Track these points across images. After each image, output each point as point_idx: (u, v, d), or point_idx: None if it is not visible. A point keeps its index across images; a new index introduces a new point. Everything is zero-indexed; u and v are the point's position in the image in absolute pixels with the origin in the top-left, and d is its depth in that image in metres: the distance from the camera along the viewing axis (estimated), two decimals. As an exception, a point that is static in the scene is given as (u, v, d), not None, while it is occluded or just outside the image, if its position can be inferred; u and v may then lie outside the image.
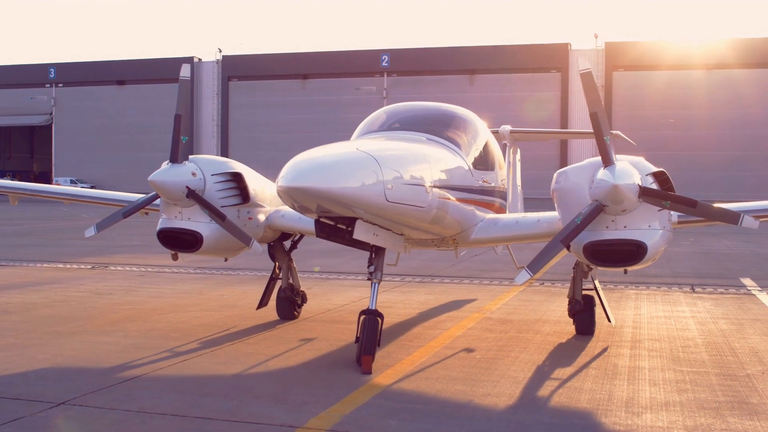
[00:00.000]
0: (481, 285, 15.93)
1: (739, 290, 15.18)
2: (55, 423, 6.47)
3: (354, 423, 6.50)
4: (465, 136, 10.02)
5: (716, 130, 68.23)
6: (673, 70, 69.83)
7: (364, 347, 8.35)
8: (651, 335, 10.55)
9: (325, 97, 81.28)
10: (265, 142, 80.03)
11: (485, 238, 10.11)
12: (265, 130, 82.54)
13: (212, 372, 8.32)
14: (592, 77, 8.60)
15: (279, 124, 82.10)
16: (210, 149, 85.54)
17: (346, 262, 19.90)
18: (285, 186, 7.18)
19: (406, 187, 7.89)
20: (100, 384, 7.70)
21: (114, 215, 10.25)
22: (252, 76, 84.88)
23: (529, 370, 8.51)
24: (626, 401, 7.29)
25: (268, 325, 11.13)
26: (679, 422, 6.62)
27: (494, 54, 76.63)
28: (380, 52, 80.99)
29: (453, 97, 70.97)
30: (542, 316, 12.05)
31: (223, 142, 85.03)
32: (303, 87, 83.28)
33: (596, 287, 10.71)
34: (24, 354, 9.04)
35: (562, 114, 73.30)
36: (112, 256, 21.55)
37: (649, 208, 8.41)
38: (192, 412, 6.77)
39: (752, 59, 67.48)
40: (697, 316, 12.16)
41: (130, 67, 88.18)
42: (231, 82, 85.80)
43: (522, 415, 6.86)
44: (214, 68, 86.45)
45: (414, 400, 7.29)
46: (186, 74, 9.93)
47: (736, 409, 7.01)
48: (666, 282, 16.16)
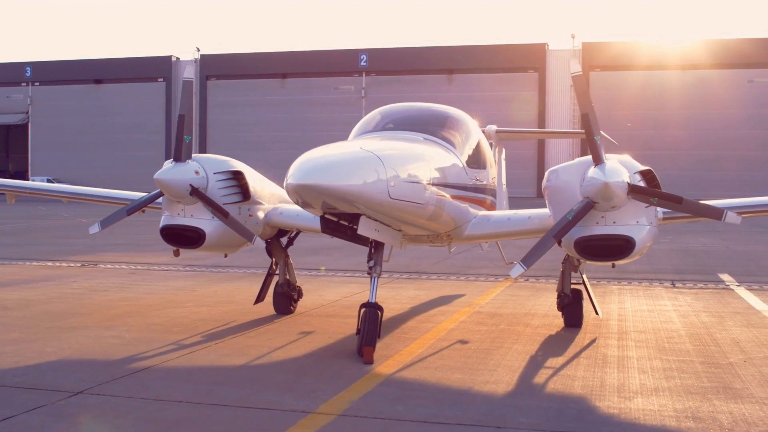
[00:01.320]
0: (467, 281, 16.32)
1: (717, 285, 15.67)
2: (77, 411, 6.75)
3: (363, 409, 6.85)
4: (459, 136, 10.39)
5: (690, 130, 69.15)
6: (648, 70, 70.64)
7: (365, 339, 8.70)
8: (636, 327, 10.98)
9: (303, 97, 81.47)
10: (244, 141, 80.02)
11: (478, 234, 10.48)
12: (243, 129, 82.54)
13: (219, 363, 8.63)
14: (583, 80, 9.00)
15: (258, 123, 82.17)
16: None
17: (335, 259, 20.22)
18: (295, 183, 7.51)
19: (407, 185, 8.25)
20: (113, 375, 7.99)
21: (118, 213, 10.51)
22: (231, 75, 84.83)
23: (523, 360, 8.90)
24: (618, 387, 7.69)
25: (267, 319, 11.44)
26: (669, 405, 7.03)
27: (472, 54, 77.16)
28: (359, 51, 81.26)
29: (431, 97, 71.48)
30: (530, 310, 12.45)
31: (202, 141, 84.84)
32: (282, 86, 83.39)
33: (584, 281, 11.12)
34: (32, 348, 9.29)
35: (539, 113, 73.93)
36: (99, 254, 21.72)
37: (637, 205, 8.82)
38: (206, 400, 7.08)
39: (725, 60, 68.44)
40: (679, 309, 12.61)
41: (108, 66, 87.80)
42: (209, 81, 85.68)
43: (520, 400, 7.24)
44: (193, 67, 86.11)
45: (416, 387, 7.65)
46: (190, 75, 10.23)
47: (721, 394, 7.43)
48: (647, 278, 16.63)
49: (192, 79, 10.28)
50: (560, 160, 73.79)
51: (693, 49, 69.52)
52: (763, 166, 67.38)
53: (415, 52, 79.59)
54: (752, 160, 67.38)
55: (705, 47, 69.08)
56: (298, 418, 6.54)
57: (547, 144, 72.40)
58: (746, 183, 63.81)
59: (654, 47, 71.21)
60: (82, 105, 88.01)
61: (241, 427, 6.33)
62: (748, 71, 68.16)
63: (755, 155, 67.50)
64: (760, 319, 11.75)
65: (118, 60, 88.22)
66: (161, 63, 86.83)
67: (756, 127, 67.75)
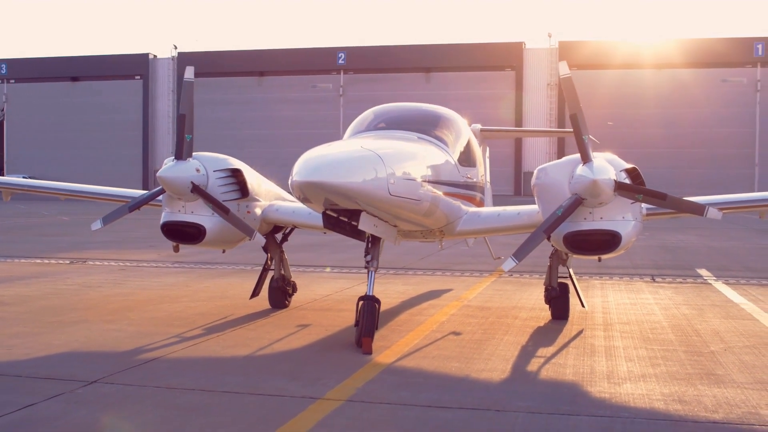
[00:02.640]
0: (453, 276, 16.71)
1: (696, 280, 16.18)
2: (95, 399, 7.06)
3: (368, 394, 7.21)
4: (450, 135, 10.77)
5: (664, 128, 69.99)
6: (623, 69, 71.41)
7: (364, 330, 9.05)
8: (620, 319, 11.41)
9: (281, 95, 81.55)
10: (221, 138, 79.74)
11: (469, 230, 10.87)
12: (221, 126, 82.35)
13: (223, 354, 8.95)
14: (571, 82, 9.39)
15: (235, 121, 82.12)
16: (166, 147, 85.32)
17: (320, 256, 20.54)
18: (301, 181, 7.85)
19: (405, 182, 8.61)
20: (123, 365, 8.29)
21: (120, 209, 10.78)
22: (208, 73, 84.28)
23: (515, 350, 9.30)
24: (607, 374, 8.10)
25: (263, 313, 11.76)
26: (657, 390, 7.45)
27: (450, 52, 77.65)
28: (337, 49, 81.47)
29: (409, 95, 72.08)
30: (517, 304, 12.86)
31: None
32: (259, 84, 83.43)
33: (571, 275, 11.54)
34: (39, 341, 9.56)
35: (516, 111, 74.52)
36: (86, 251, 21.88)
37: (623, 201, 9.24)
38: (217, 387, 7.41)
39: (699, 59, 69.38)
40: (660, 302, 13.07)
41: (84, 63, 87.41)
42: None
43: (517, 386, 7.63)
44: (170, 65, 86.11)
45: (417, 375, 8.02)
46: (190, 76, 10.50)
47: (705, 379, 7.87)
48: (628, 273, 17.10)
49: (193, 80, 10.54)
50: (537, 158, 74.60)
51: (667, 48, 70.42)
52: (735, 164, 68.49)
53: (392, 50, 79.92)
54: (725, 158, 68.42)
55: (679, 47, 70.01)
56: (308, 403, 6.89)
57: (524, 142, 73.04)
58: (719, 180, 64.85)
59: (629, 46, 72.03)
60: (59, 102, 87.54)
61: (254, 411, 6.67)
62: (722, 70, 69.17)
63: (728, 153, 68.55)
64: (738, 311, 12.23)
65: (95, 57, 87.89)
66: (138, 60, 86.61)
67: (729, 125, 68.78)
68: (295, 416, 6.51)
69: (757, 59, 68.93)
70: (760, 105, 69.05)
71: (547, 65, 75.11)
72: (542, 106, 74.69)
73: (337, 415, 6.56)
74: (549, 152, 73.62)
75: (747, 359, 8.79)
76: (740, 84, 68.80)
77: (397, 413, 6.65)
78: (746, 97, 69.41)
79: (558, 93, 73.81)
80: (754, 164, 69.07)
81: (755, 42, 69.02)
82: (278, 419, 6.43)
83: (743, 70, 69.25)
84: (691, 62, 69.23)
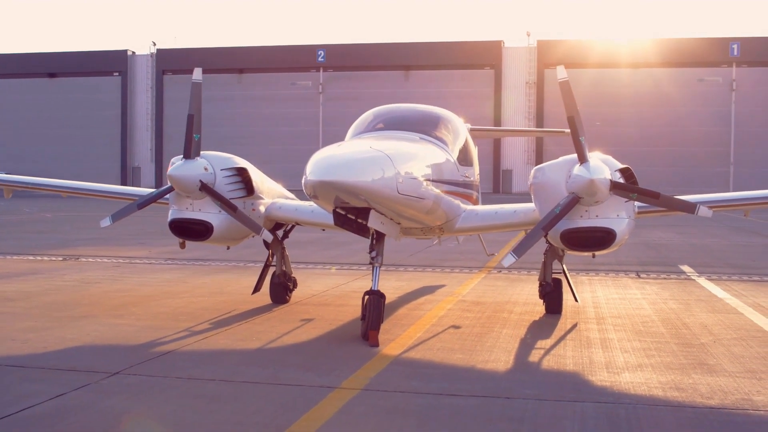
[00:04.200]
0: (444, 273, 17.09)
1: (680, 276, 16.67)
2: (120, 389, 7.37)
3: (382, 383, 7.58)
4: (450, 135, 11.15)
5: (641, 127, 70.81)
6: (601, 68, 72.12)
7: (370, 323, 9.40)
8: (612, 313, 11.85)
9: (261, 92, 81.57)
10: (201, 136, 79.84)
11: (468, 227, 11.26)
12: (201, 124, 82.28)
13: (236, 347, 9.27)
14: (569, 85, 9.80)
15: (215, 119, 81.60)
16: (144, 143, 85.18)
17: (310, 253, 20.85)
18: (316, 180, 8.18)
19: (411, 181, 8.98)
20: (140, 358, 8.59)
21: (129, 207, 11.05)
22: (187, 70, 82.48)
23: (515, 342, 9.70)
24: (605, 364, 8.52)
25: (265, 308, 12.08)
26: (654, 378, 7.87)
27: (429, 50, 78.04)
28: (316, 47, 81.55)
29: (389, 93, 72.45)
30: (510, 299, 13.26)
31: (158, 137, 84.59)
32: (239, 81, 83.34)
33: (564, 271, 11.96)
34: (52, 335, 9.82)
35: (495, 110, 75.04)
36: (76, 248, 22.05)
37: (617, 200, 9.67)
38: (236, 378, 7.75)
39: (675, 59, 70.22)
40: (648, 297, 13.52)
41: (62, 60, 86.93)
42: (165, 76, 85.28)
43: (521, 375, 8.04)
44: (148, 62, 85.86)
45: (425, 366, 8.40)
46: (198, 77, 10.79)
47: (698, 369, 8.30)
48: (613, 269, 17.57)
49: (200, 81, 10.84)
50: (515, 157, 75.31)
51: (644, 47, 71.19)
52: (711, 163, 69.48)
53: (372, 48, 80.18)
54: (701, 157, 69.35)
55: (656, 46, 70.83)
56: (326, 392, 7.24)
57: (503, 141, 73.60)
58: (696, 179, 65.86)
59: (607, 46, 72.73)
60: (36, 99, 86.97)
61: (276, 400, 7.00)
62: (698, 70, 70.11)
63: (704, 152, 69.49)
64: (723, 305, 12.70)
65: (73, 54, 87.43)
66: (117, 57, 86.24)
67: (705, 124, 69.74)
68: (316, 404, 6.85)
69: (733, 59, 69.92)
70: (736, 104, 70.09)
71: (526, 64, 75.76)
72: (521, 105, 75.29)
73: (356, 403, 6.91)
74: (527, 150, 74.33)
75: (736, 350, 9.24)
76: (716, 83, 69.78)
77: (411, 401, 7.01)
78: (722, 96, 70.39)
79: (536, 91, 74.57)
80: (730, 163, 70.08)
81: (731, 42, 70.00)
82: (301, 407, 6.77)
83: (719, 70, 70.22)
84: (668, 62, 70.08)
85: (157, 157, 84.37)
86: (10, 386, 7.41)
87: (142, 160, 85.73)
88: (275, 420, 6.40)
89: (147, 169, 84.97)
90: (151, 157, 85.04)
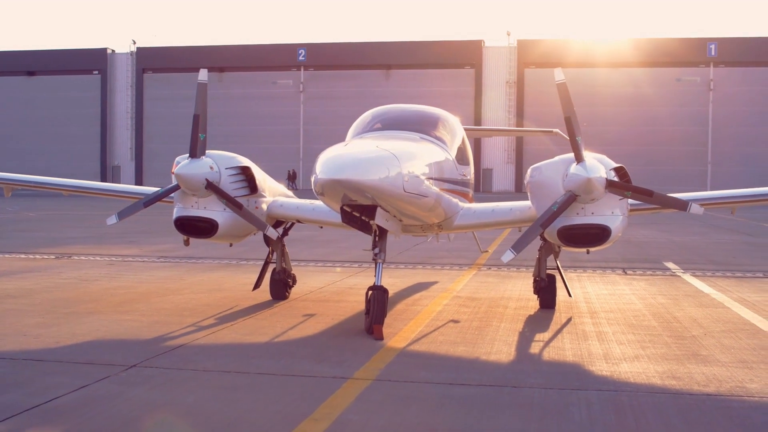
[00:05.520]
0: (435, 270, 17.42)
1: (665, 272, 17.11)
2: (142, 380, 7.62)
3: (393, 374, 7.89)
4: (448, 135, 11.47)
5: (619, 126, 71.55)
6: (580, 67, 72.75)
7: (375, 317, 9.71)
8: (604, 308, 12.22)
9: (242, 90, 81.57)
10: (181, 135, 78.89)
11: (466, 224, 11.60)
12: (181, 123, 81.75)
13: (245, 341, 9.54)
14: (566, 87, 10.14)
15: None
16: (123, 142, 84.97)
17: (299, 251, 21.07)
18: (327, 178, 8.47)
19: (416, 180, 9.30)
20: (154, 351, 8.84)
21: (135, 205, 11.26)
22: (167, 69, 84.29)
23: (514, 335, 10.04)
24: (603, 355, 8.88)
25: (266, 304, 12.34)
26: (651, 368, 8.24)
27: (410, 50, 78.40)
28: (297, 46, 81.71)
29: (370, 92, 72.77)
30: (504, 294, 13.61)
31: (138, 135, 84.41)
32: (219, 80, 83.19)
33: (558, 267, 12.32)
34: (62, 330, 10.04)
35: (475, 109, 75.56)
36: (67, 247, 22.17)
37: (612, 198, 10.02)
38: (252, 370, 8.02)
39: (654, 59, 71.06)
40: (637, 293, 13.92)
41: (41, 58, 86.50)
42: (146, 75, 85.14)
43: (524, 366, 8.37)
44: (128, 60, 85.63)
45: (431, 357, 8.72)
46: (204, 78, 11.04)
47: (692, 359, 8.68)
48: (600, 266, 17.98)
49: (206, 81, 11.08)
50: (495, 156, 75.85)
51: (623, 47, 71.97)
52: (689, 162, 70.41)
53: (353, 47, 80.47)
54: (680, 156, 70.28)
55: (635, 46, 71.64)
56: (341, 382, 7.53)
57: (483, 140, 74.07)
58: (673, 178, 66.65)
59: (586, 45, 73.44)
60: (15, 97, 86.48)
61: (294, 390, 7.29)
62: (676, 70, 71.01)
63: (682, 150, 70.43)
64: (710, 300, 13.12)
65: (52, 52, 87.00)
66: (96, 55, 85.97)
67: (683, 123, 70.65)
68: (334, 392, 7.15)
69: (710, 59, 70.89)
70: (713, 104, 71.06)
71: (506, 63, 76.34)
72: (501, 104, 75.85)
73: (372, 392, 7.22)
74: (508, 150, 74.94)
75: (726, 342, 9.63)
76: (694, 83, 70.71)
77: (424, 390, 7.33)
78: (700, 96, 71.34)
79: (516, 90, 75.14)
80: (707, 162, 71.06)
81: (708, 42, 70.96)
82: (318, 395, 7.06)
83: (697, 70, 71.16)
84: (646, 61, 70.90)
85: (137, 156, 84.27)
86: (33, 378, 7.64)
87: (122, 158, 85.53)
88: (297, 408, 6.68)
89: (127, 167, 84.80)
90: (131, 156, 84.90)
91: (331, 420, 6.36)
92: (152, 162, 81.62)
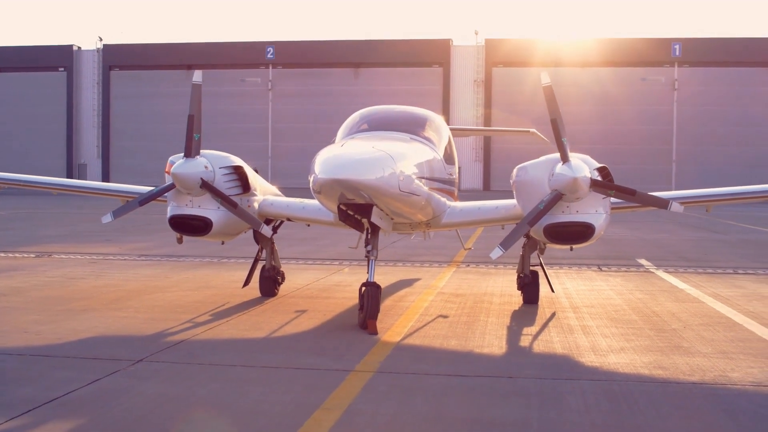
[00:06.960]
0: (415, 267, 17.76)
1: (639, 269, 17.61)
2: (150, 374, 7.87)
3: (393, 367, 8.21)
4: (436, 135, 11.81)
5: (586, 125, 72.27)
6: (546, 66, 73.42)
7: (368, 312, 10.03)
8: (585, 303, 12.65)
9: (209, 88, 79.93)
10: (149, 133, 79.26)
11: (453, 222, 11.96)
12: (148, 120, 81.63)
13: (243, 336, 9.81)
14: (551, 90, 10.52)
15: (163, 115, 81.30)
16: (90, 140, 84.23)
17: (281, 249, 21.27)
18: (327, 178, 8.77)
19: (410, 179, 9.64)
20: (157, 347, 9.08)
21: (131, 203, 11.47)
22: (135, 66, 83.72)
23: (503, 329, 10.41)
24: (591, 348, 9.27)
25: (256, 301, 12.60)
26: (637, 359, 8.65)
27: (378, 48, 78.58)
28: (265, 44, 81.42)
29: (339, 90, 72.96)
30: (486, 290, 13.99)
31: (105, 133, 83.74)
32: (187, 77, 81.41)
33: (541, 263, 12.72)
34: (62, 327, 10.22)
35: (443, 107, 75.94)
36: (44, 245, 22.15)
37: (596, 196, 10.43)
38: (257, 363, 8.31)
39: (619, 58, 71.96)
40: (615, 288, 14.38)
41: (4, 55, 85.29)
42: (112, 72, 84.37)
43: (517, 358, 8.75)
44: (95, 57, 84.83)
45: (426, 351, 9.06)
46: (198, 79, 11.27)
47: (675, 351, 9.11)
48: (575, 263, 18.44)
49: (200, 82, 11.31)
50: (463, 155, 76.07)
51: (589, 47, 72.79)
52: (654, 160, 71.40)
53: (321, 45, 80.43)
54: (645, 154, 71.24)
55: (601, 46, 72.46)
56: (344, 375, 7.84)
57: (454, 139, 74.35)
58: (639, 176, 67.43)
59: (552, 45, 74.17)
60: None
61: (301, 382, 7.58)
62: (641, 69, 71.97)
63: (648, 149, 71.41)
64: (685, 295, 13.60)
65: (16, 48, 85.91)
66: (62, 52, 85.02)
67: (649, 122, 71.66)
68: (339, 384, 7.46)
69: (675, 59, 71.97)
70: (678, 103, 72.14)
71: (474, 62, 76.83)
72: (469, 103, 76.34)
73: (376, 383, 7.54)
74: (476, 148, 75.47)
75: (705, 335, 10.08)
76: (659, 83, 71.72)
77: (425, 381, 7.66)
78: (664, 95, 72.38)
79: (484, 90, 75.72)
80: (672, 160, 72.16)
81: (673, 42, 72.05)
82: (325, 387, 7.37)
83: (662, 70, 72.20)
84: (612, 61, 71.77)
85: (104, 154, 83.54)
86: (44, 373, 7.85)
87: (88, 156, 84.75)
88: (307, 399, 6.99)
89: (93, 165, 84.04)
90: (98, 154, 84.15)
91: (343, 409, 6.67)
92: (119, 159, 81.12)
